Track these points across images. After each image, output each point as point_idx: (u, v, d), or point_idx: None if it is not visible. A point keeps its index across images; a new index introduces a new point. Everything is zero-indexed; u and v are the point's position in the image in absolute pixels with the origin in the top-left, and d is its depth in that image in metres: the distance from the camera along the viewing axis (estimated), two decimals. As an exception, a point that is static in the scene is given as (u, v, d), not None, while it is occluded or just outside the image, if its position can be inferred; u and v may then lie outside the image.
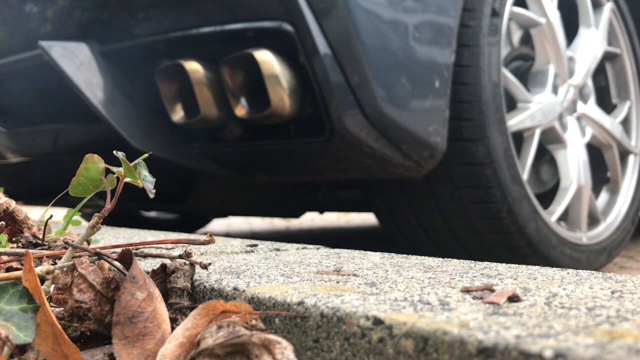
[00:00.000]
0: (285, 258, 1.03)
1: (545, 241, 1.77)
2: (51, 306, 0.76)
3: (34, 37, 1.75)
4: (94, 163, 0.78)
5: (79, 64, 1.62)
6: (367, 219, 5.13)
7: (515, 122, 1.80)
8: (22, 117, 2.01)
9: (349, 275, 0.83)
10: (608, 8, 2.18)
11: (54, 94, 1.79)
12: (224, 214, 3.17)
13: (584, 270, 0.87)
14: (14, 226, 0.98)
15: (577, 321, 0.54)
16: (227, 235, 3.50)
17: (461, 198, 1.71)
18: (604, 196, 2.22)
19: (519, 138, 1.88)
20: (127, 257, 0.74)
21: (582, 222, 1.99)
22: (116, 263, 0.79)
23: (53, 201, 1.18)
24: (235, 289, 0.75)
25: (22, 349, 0.67)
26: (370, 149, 1.51)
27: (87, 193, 0.80)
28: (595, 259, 1.97)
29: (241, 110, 1.57)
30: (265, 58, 1.47)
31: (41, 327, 0.62)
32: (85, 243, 0.85)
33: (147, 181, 0.79)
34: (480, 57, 1.65)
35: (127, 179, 0.78)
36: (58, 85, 1.64)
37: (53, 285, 0.75)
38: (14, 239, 0.96)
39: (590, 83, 2.14)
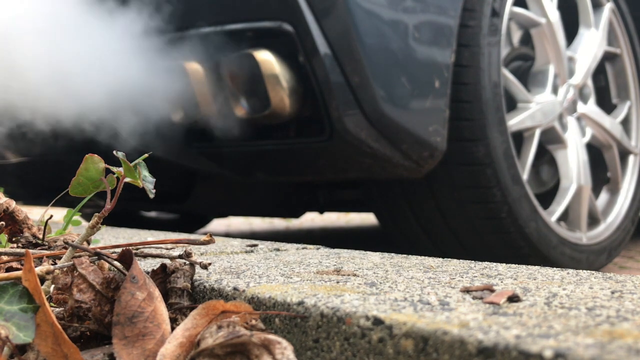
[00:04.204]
0: (285, 258, 1.03)
1: (545, 241, 1.77)
2: (51, 306, 0.76)
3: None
4: (94, 163, 0.78)
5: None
6: (367, 219, 5.13)
7: (515, 122, 1.80)
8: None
9: (349, 275, 0.83)
10: (608, 8, 2.18)
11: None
12: (224, 214, 3.17)
13: (584, 270, 0.87)
14: (14, 226, 0.98)
15: (577, 321, 0.54)
16: (227, 235, 3.50)
17: (461, 198, 1.71)
18: (604, 196, 2.22)
19: (519, 138, 1.88)
20: (127, 257, 0.74)
21: (582, 222, 1.99)
22: (116, 263, 0.79)
23: (53, 201, 1.17)
24: (235, 289, 0.75)
25: (22, 349, 0.67)
26: (370, 149, 1.51)
27: (87, 193, 0.80)
28: (595, 259, 1.97)
29: (241, 110, 1.57)
30: (265, 58, 1.47)
31: (41, 327, 0.62)
32: (85, 243, 0.85)
33: (147, 181, 0.79)
34: (480, 57, 1.65)
35: (127, 179, 0.78)
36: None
37: (53, 285, 0.75)
38: (14, 239, 0.96)
39: (590, 83, 2.14)
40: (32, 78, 1.38)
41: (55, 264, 0.78)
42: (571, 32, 2.14)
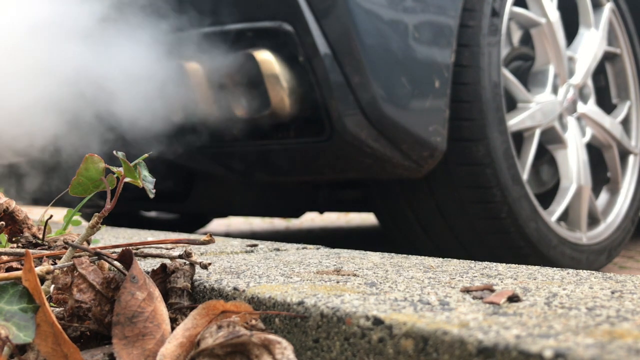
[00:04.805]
0: (285, 258, 1.03)
1: (545, 241, 1.77)
2: (51, 306, 0.76)
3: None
4: (94, 163, 0.78)
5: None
6: (367, 219, 5.13)
7: (515, 122, 1.80)
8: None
9: (349, 275, 0.83)
10: (608, 8, 2.18)
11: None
12: (224, 214, 3.17)
13: (584, 270, 0.87)
14: (14, 226, 0.98)
15: (577, 321, 0.54)
16: (227, 235, 3.50)
17: (461, 198, 1.71)
18: (604, 196, 2.22)
19: (519, 138, 1.88)
20: (127, 257, 0.74)
21: (582, 222, 1.99)
22: (116, 263, 0.79)
23: (53, 201, 1.17)
24: (235, 289, 0.75)
25: (22, 349, 0.67)
26: (370, 149, 1.51)
27: (87, 193, 0.80)
28: (595, 259, 1.97)
29: (241, 110, 1.57)
30: (265, 58, 1.47)
31: (41, 327, 0.62)
32: (85, 243, 0.85)
33: (147, 181, 0.79)
34: (480, 57, 1.65)
35: (127, 179, 0.78)
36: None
37: (53, 285, 0.75)
38: (14, 239, 0.96)
39: (590, 83, 2.14)
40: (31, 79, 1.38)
41: (55, 264, 0.78)
42: (571, 32, 2.14)
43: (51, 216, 1.01)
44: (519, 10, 1.87)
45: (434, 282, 0.77)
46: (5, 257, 0.84)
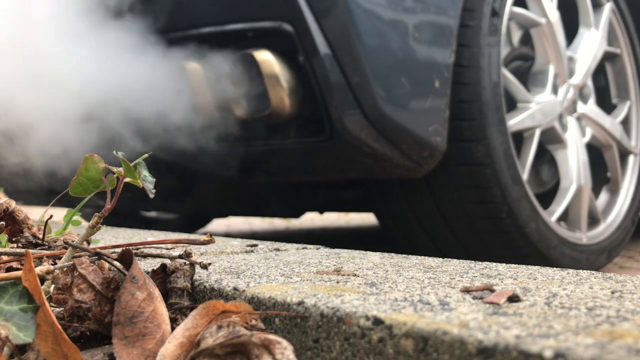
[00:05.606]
0: (285, 258, 1.03)
1: (545, 241, 1.77)
2: (51, 306, 0.76)
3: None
4: (94, 163, 0.78)
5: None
6: (367, 219, 5.13)
7: (515, 122, 1.80)
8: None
9: (349, 275, 0.83)
10: (608, 8, 2.18)
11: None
12: (224, 214, 3.17)
13: (584, 270, 0.87)
14: (14, 226, 0.98)
15: (577, 321, 0.54)
16: (227, 235, 3.49)
17: (461, 198, 1.71)
18: (604, 196, 2.22)
19: (519, 138, 1.88)
20: (127, 257, 0.74)
21: (582, 222, 1.99)
22: (116, 263, 0.79)
23: (53, 201, 1.17)
24: (235, 289, 0.75)
25: (22, 349, 0.67)
26: (370, 149, 1.51)
27: (87, 193, 0.80)
28: (595, 259, 1.97)
29: (241, 110, 1.57)
30: (265, 58, 1.47)
31: (41, 327, 0.62)
32: (85, 243, 0.85)
33: (147, 181, 0.79)
34: (480, 57, 1.65)
35: (127, 179, 0.78)
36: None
37: (53, 285, 0.75)
38: (14, 239, 0.96)
39: (590, 83, 2.14)
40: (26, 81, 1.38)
41: (55, 264, 0.78)
42: (571, 32, 2.14)
43: (51, 216, 1.01)
44: (519, 10, 1.87)
45: (434, 282, 0.77)
46: (5, 257, 0.84)
